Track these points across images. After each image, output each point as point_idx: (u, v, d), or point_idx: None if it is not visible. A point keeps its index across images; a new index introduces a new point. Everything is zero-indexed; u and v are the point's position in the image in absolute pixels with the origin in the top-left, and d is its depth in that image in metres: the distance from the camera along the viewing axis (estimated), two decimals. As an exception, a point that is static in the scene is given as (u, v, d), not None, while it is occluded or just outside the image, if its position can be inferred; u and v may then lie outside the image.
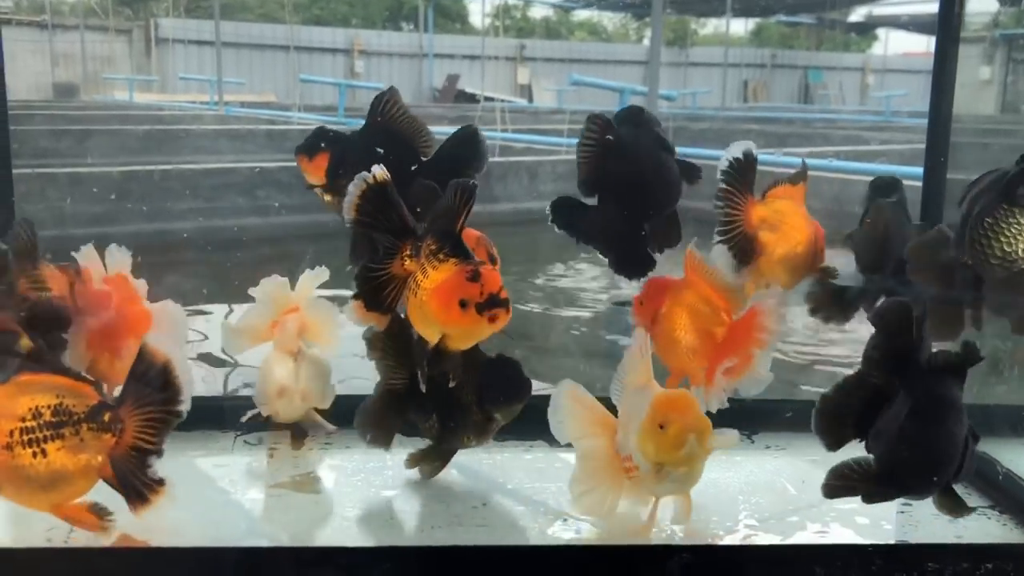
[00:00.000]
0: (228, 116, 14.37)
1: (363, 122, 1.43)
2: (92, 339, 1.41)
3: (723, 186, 1.36)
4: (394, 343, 1.38)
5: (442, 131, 1.46)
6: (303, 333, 1.53)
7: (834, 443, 1.21)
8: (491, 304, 1.16)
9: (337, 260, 1.46)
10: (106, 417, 1.14)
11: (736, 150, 1.35)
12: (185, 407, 1.17)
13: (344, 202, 1.24)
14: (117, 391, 1.25)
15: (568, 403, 1.28)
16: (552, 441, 1.53)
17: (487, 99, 17.26)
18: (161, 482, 1.17)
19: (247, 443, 1.59)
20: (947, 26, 1.69)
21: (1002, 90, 21.40)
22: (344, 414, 1.65)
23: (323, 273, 1.54)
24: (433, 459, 1.44)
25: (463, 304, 1.16)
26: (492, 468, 1.52)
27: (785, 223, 1.41)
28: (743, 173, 1.36)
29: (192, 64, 22.55)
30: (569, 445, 1.30)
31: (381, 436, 1.42)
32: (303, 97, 17.66)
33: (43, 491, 1.13)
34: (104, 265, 1.45)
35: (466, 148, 1.44)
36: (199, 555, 1.17)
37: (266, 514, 1.38)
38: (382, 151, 1.38)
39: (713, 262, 1.39)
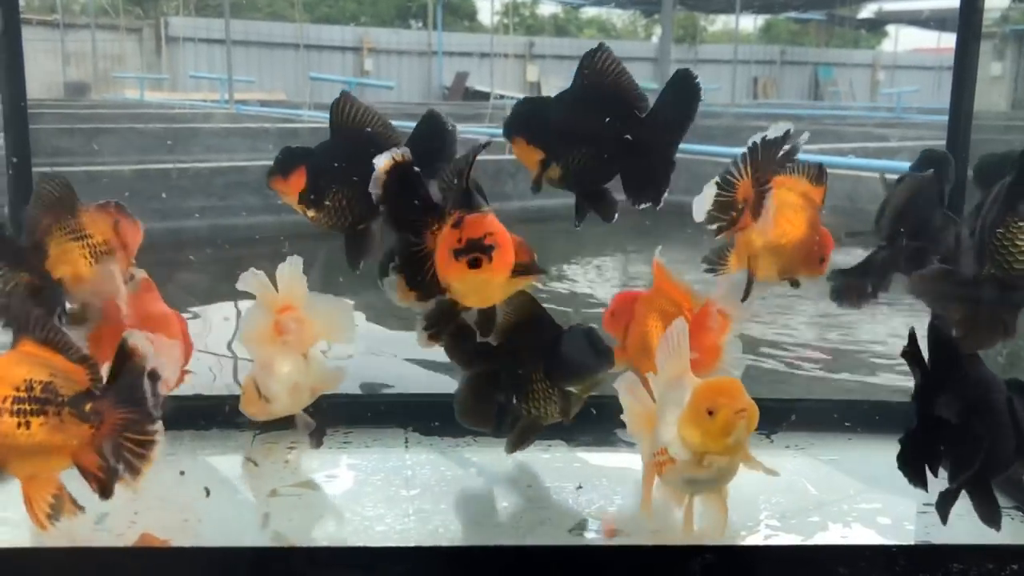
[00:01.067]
0: (239, 114, 14.40)
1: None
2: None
3: (736, 159, 1.32)
4: (455, 331, 1.39)
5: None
6: (311, 332, 1.51)
7: (924, 484, 1.25)
8: (469, 249, 1.14)
9: (342, 258, 1.46)
10: (87, 407, 1.16)
11: (771, 131, 1.32)
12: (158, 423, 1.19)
13: (372, 178, 1.25)
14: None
15: (625, 396, 1.28)
16: (570, 441, 1.53)
17: (500, 96, 17.26)
18: (137, 470, 1.18)
19: (265, 442, 1.59)
20: (968, 21, 1.68)
21: (1014, 86, 21.28)
22: (361, 414, 1.66)
23: (297, 262, 1.50)
24: (523, 437, 1.43)
25: (455, 254, 1.16)
26: (511, 468, 1.52)
27: (780, 214, 1.36)
28: (760, 152, 1.32)
29: (202, 62, 22.59)
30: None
31: (479, 421, 1.44)
32: (313, 95, 17.67)
33: (19, 460, 1.15)
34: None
35: (432, 134, 1.43)
36: (217, 555, 1.18)
37: (285, 513, 1.38)
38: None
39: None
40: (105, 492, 1.18)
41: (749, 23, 30.88)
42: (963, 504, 1.41)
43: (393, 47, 26.47)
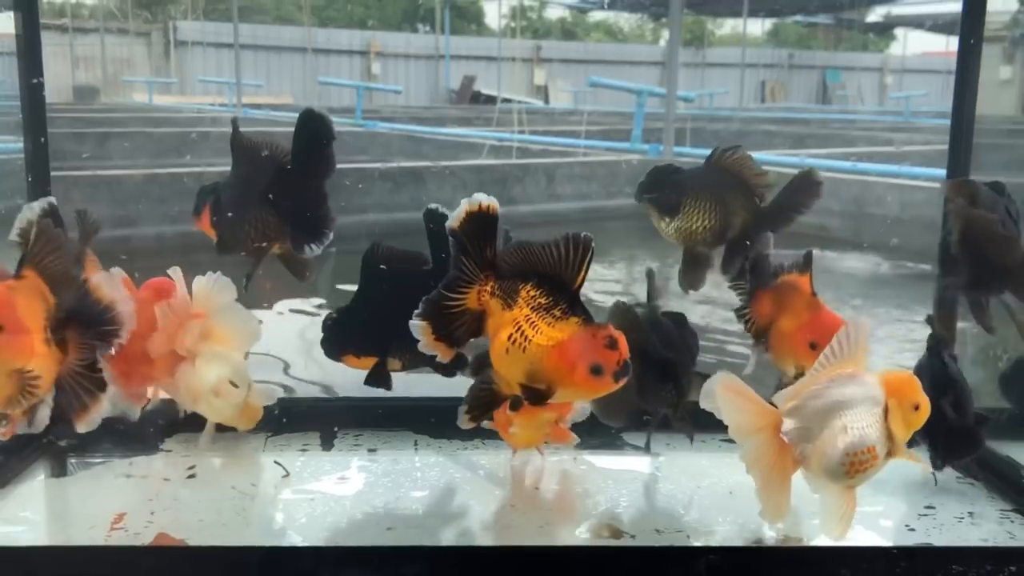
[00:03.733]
0: (247, 118, 14.46)
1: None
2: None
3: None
4: None
5: (454, 132, 1.48)
6: (208, 339, 1.48)
7: None
8: (625, 371, 1.14)
9: (353, 260, 1.48)
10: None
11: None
12: (124, 335, 1.28)
13: (453, 214, 1.24)
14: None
15: (726, 395, 1.24)
16: (577, 444, 1.54)
17: (505, 100, 17.28)
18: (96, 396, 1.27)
19: (277, 445, 1.62)
20: (971, 25, 1.69)
21: (1023, 90, 21.22)
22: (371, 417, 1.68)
23: (219, 279, 1.50)
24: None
25: (596, 370, 1.13)
26: (519, 471, 1.54)
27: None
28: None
29: (211, 66, 22.69)
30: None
31: (616, 418, 1.48)
32: (321, 99, 17.73)
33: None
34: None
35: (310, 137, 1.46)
36: (229, 555, 1.20)
37: (297, 514, 1.40)
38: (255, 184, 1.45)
39: None
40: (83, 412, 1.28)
41: (757, 27, 30.90)
42: (963, 507, 1.43)
43: (401, 51, 26.55)
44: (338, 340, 1.49)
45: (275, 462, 1.54)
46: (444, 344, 1.26)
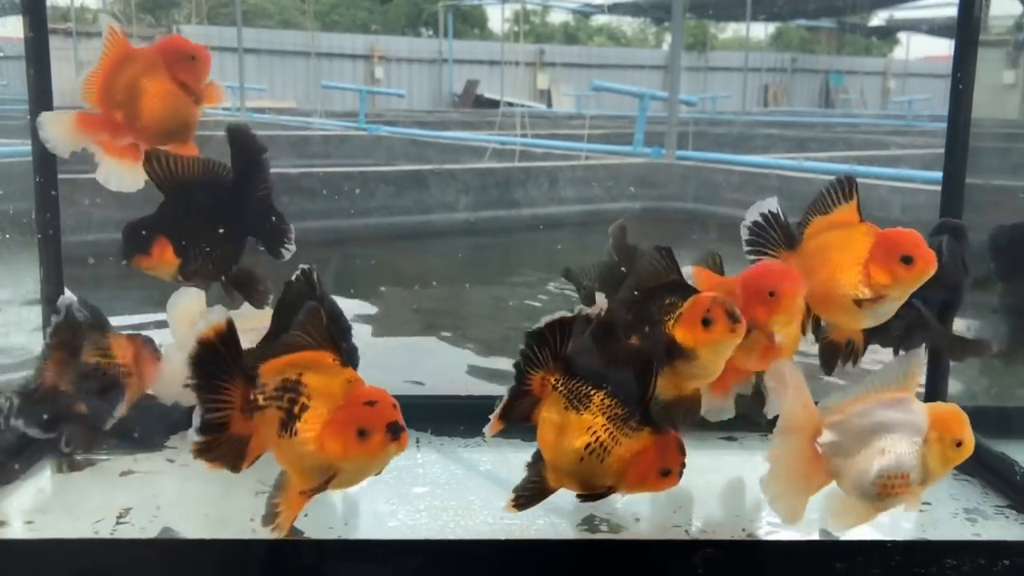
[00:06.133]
0: (251, 122, 14.48)
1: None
2: None
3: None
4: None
5: (460, 136, 1.50)
6: None
7: None
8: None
9: (352, 266, 1.50)
10: None
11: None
12: None
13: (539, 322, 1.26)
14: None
15: (782, 384, 1.27)
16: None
17: (508, 104, 17.29)
18: None
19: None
20: (966, 30, 1.71)
21: (1026, 94, 21.17)
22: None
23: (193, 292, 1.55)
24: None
25: (665, 473, 1.23)
26: (520, 466, 1.56)
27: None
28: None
29: (214, 70, 22.70)
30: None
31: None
32: (324, 103, 17.76)
33: None
34: None
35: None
36: (233, 547, 1.23)
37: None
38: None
39: None
40: None
41: (760, 31, 30.89)
42: (956, 503, 1.45)
43: (404, 55, 26.58)
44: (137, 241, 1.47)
45: None
46: (500, 423, 1.29)
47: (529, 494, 1.29)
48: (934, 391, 1.64)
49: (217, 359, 1.17)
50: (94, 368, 1.50)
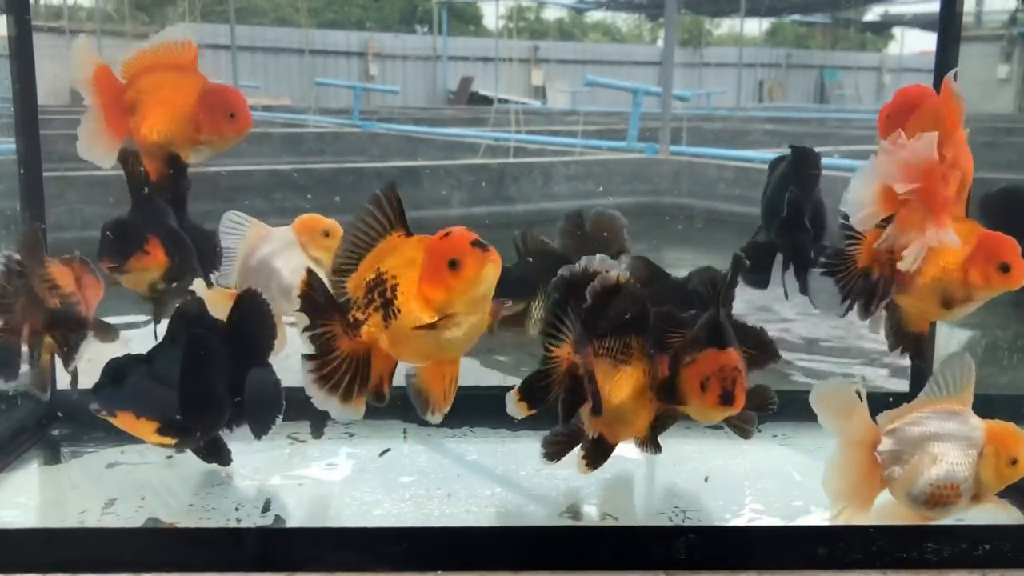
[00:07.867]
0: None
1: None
2: None
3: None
4: None
5: (457, 133, 1.51)
6: None
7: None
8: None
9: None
10: None
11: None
12: None
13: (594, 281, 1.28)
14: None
15: (838, 400, 1.28)
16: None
17: (502, 101, 17.29)
18: None
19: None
20: (948, 26, 1.71)
21: (1020, 88, 21.22)
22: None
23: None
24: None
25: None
26: (506, 456, 1.57)
27: None
28: None
29: (208, 68, 22.64)
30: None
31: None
32: (318, 100, 17.75)
33: None
34: None
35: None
36: (220, 535, 1.23)
37: (289, 499, 1.43)
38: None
39: None
40: None
41: (754, 26, 30.92)
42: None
43: (398, 52, 26.53)
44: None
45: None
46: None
47: (560, 444, 1.33)
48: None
49: (311, 303, 1.22)
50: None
